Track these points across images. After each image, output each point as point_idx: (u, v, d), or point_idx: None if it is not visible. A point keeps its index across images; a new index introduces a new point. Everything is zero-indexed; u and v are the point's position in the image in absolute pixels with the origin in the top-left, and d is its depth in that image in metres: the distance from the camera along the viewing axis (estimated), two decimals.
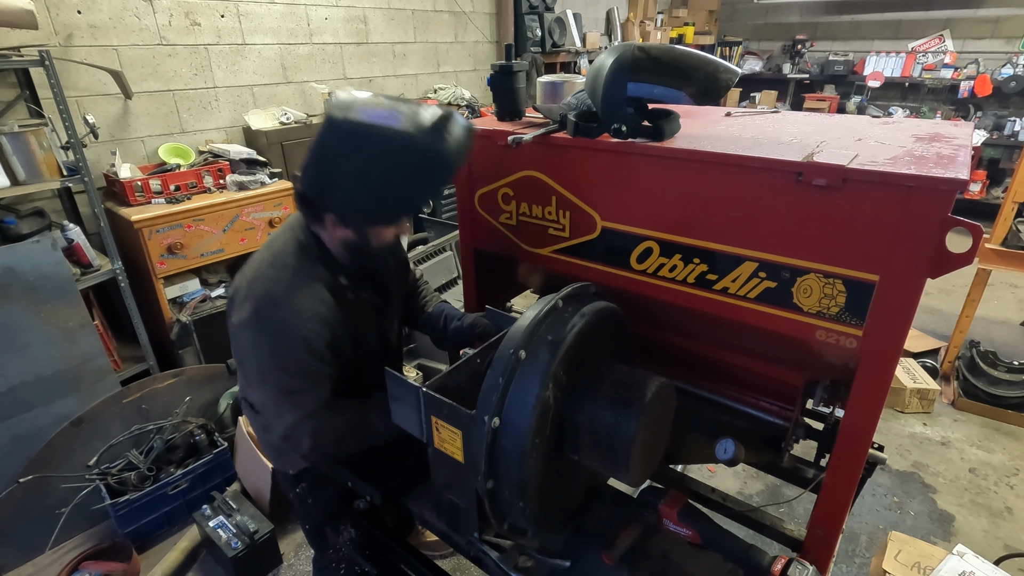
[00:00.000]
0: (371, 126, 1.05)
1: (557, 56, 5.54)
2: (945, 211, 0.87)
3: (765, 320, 1.09)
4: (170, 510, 2.38)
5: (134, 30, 2.90)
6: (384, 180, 1.09)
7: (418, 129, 1.05)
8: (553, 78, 1.55)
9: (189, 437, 2.49)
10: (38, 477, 2.21)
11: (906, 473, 2.81)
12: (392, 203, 1.16)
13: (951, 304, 4.30)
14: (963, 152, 1.00)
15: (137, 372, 2.82)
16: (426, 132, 1.05)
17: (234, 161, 3.11)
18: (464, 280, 1.71)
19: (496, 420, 0.95)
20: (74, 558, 2.16)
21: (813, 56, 7.45)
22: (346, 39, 3.97)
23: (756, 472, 2.71)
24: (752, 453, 1.32)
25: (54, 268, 2.40)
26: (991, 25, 6.27)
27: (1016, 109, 6.23)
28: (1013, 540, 2.42)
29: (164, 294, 2.78)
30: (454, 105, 4.50)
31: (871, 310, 0.97)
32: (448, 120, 1.09)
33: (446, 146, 1.07)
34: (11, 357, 2.28)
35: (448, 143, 1.07)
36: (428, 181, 1.15)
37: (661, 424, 1.10)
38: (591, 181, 1.26)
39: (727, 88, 1.08)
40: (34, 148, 2.39)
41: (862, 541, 2.41)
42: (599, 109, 1.14)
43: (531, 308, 1.05)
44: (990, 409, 3.19)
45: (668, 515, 1.14)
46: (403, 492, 1.32)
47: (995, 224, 3.16)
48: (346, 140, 1.07)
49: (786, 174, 0.99)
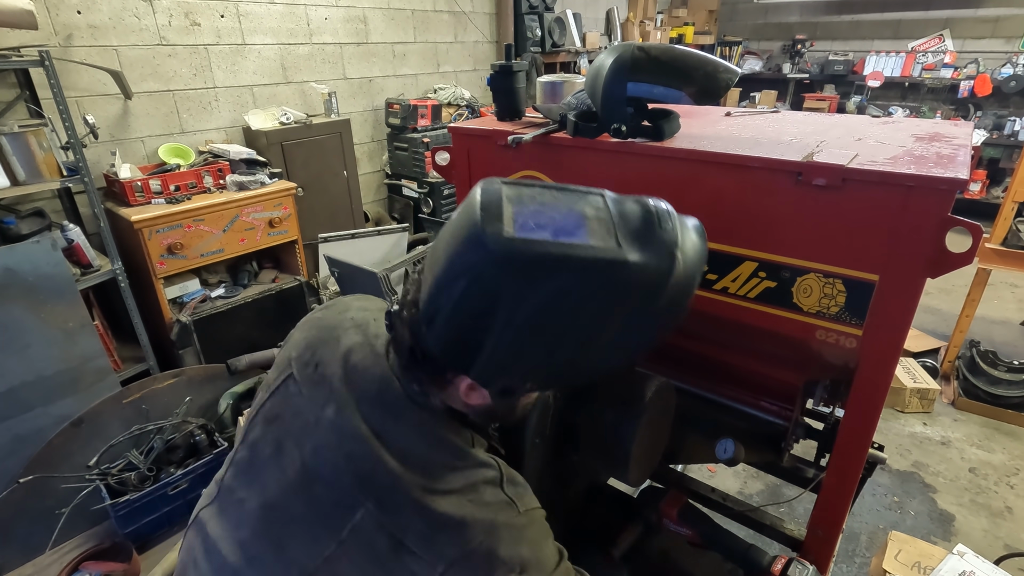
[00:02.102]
0: (555, 254, 0.63)
1: (557, 56, 5.54)
2: (945, 211, 0.87)
3: (765, 320, 1.09)
4: (170, 510, 2.37)
5: (134, 30, 2.90)
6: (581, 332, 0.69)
7: (630, 245, 0.66)
8: (553, 78, 1.55)
9: (189, 437, 2.49)
10: (38, 477, 2.21)
11: (906, 473, 2.81)
12: (591, 362, 0.74)
13: (951, 304, 4.30)
14: (963, 152, 1.00)
15: (137, 372, 2.82)
16: (643, 250, 0.66)
17: (234, 161, 3.11)
18: None
19: None
20: (74, 558, 2.16)
21: (813, 56, 7.45)
22: (346, 39, 3.97)
23: (756, 472, 2.71)
24: (752, 453, 1.32)
25: (54, 268, 2.40)
26: (991, 25, 6.27)
27: (1016, 109, 6.23)
28: (1013, 540, 2.42)
29: (164, 294, 2.78)
30: (454, 105, 4.50)
31: (871, 310, 0.97)
32: (664, 219, 0.70)
33: (676, 270, 0.68)
34: (11, 357, 2.28)
35: (678, 264, 0.68)
36: (649, 326, 0.74)
37: (661, 424, 1.10)
38: (591, 181, 1.25)
39: (727, 88, 1.08)
40: (34, 148, 2.39)
41: (862, 541, 2.41)
42: (599, 109, 1.14)
43: None
44: (990, 409, 3.19)
45: (668, 515, 1.14)
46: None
47: (995, 224, 3.16)
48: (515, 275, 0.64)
49: (786, 174, 0.99)
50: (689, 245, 0.71)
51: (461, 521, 0.71)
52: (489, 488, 0.75)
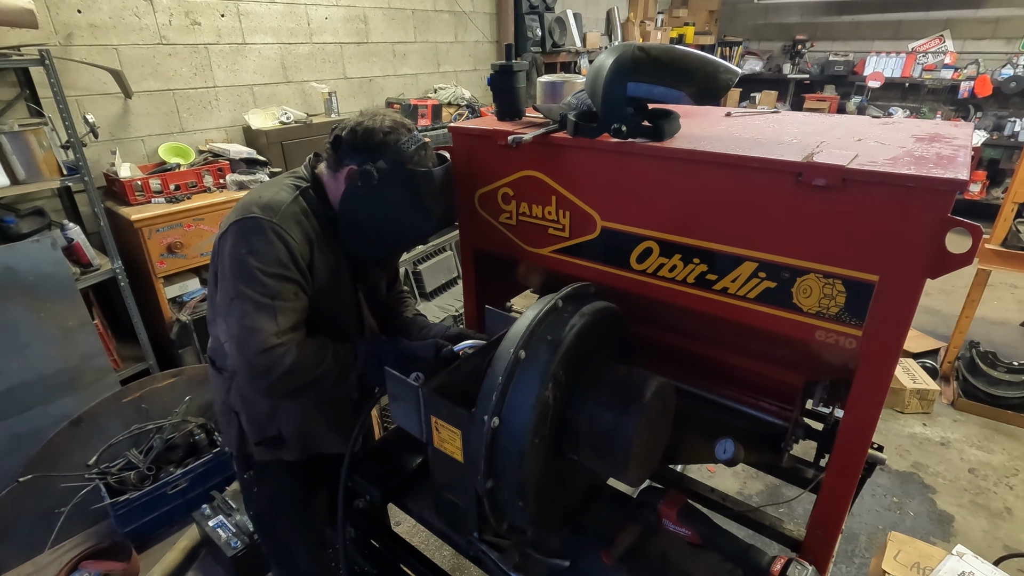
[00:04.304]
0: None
1: (557, 56, 5.55)
2: (945, 211, 0.87)
3: (765, 320, 1.09)
4: (170, 509, 2.38)
5: (134, 29, 2.90)
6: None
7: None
8: (553, 78, 1.55)
9: (189, 436, 2.49)
10: (38, 476, 2.21)
11: (906, 473, 2.81)
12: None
13: (951, 304, 4.30)
14: (963, 152, 1.00)
15: (137, 372, 2.82)
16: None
17: (234, 160, 3.11)
18: (464, 280, 1.71)
19: (495, 420, 0.95)
20: (73, 557, 2.16)
21: (813, 56, 7.46)
22: (346, 39, 3.97)
23: (755, 472, 2.71)
24: (752, 453, 1.32)
25: (54, 267, 2.40)
26: (991, 26, 6.27)
27: (1016, 109, 6.23)
28: (1012, 540, 2.42)
29: (164, 293, 2.78)
30: (454, 105, 4.50)
31: (871, 310, 0.97)
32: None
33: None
34: (11, 356, 2.28)
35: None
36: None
37: (661, 424, 1.10)
38: (591, 181, 1.26)
39: (727, 88, 1.08)
40: (34, 147, 2.39)
41: (861, 541, 2.41)
42: (599, 109, 1.14)
43: (531, 308, 1.05)
44: (990, 409, 3.19)
45: (667, 515, 1.14)
46: (402, 491, 1.32)
47: (995, 224, 3.16)
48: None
49: (786, 174, 0.99)
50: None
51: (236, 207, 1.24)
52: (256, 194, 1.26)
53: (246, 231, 1.17)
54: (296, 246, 1.20)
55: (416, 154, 1.25)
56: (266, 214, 1.18)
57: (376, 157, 1.23)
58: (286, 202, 1.23)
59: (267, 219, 1.18)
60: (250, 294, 1.14)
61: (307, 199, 1.28)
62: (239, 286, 1.15)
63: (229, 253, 1.18)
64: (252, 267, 1.15)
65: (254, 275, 1.15)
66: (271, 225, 1.17)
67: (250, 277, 1.15)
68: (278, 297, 1.16)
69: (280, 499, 1.50)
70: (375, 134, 1.23)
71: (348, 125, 1.26)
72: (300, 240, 1.22)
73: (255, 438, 1.40)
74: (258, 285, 1.15)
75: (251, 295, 1.14)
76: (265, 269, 1.15)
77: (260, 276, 1.15)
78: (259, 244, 1.16)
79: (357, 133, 1.24)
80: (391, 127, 1.25)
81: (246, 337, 1.14)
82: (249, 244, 1.16)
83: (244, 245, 1.16)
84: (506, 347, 0.99)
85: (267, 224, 1.17)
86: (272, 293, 1.15)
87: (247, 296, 1.15)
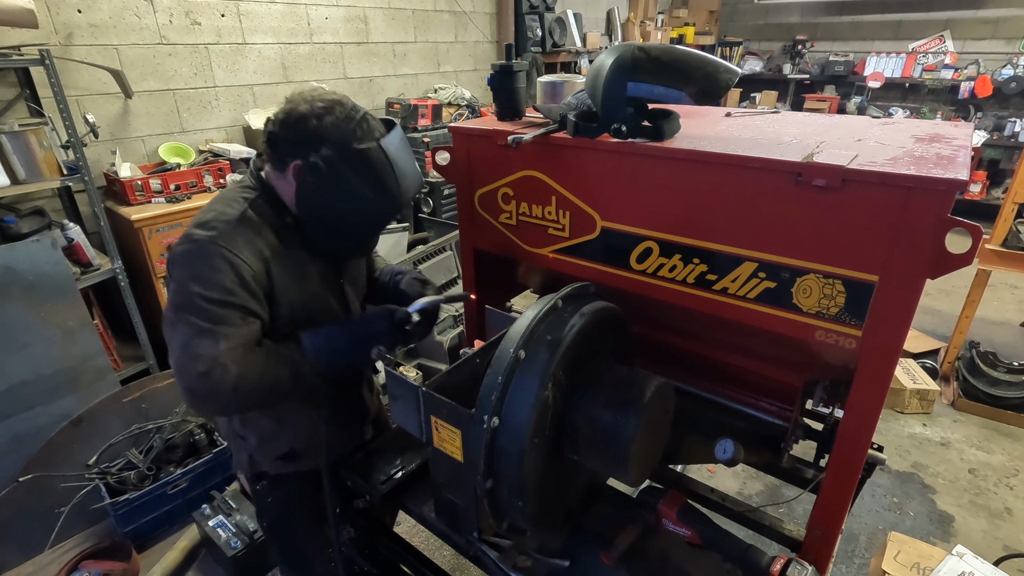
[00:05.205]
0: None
1: (557, 56, 5.55)
2: (945, 211, 0.87)
3: (764, 320, 1.09)
4: (169, 509, 2.38)
5: (134, 29, 2.90)
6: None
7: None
8: (553, 78, 1.55)
9: (189, 436, 2.49)
10: (38, 476, 2.21)
11: (906, 474, 2.81)
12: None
13: (951, 305, 4.30)
14: (963, 153, 1.00)
15: (137, 371, 2.82)
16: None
17: (234, 160, 3.12)
18: (464, 280, 1.71)
19: (495, 420, 0.95)
20: (73, 557, 2.16)
21: (813, 56, 7.46)
22: (346, 39, 3.97)
23: (755, 472, 2.71)
24: (751, 453, 1.32)
25: (54, 267, 2.40)
26: (991, 26, 6.27)
27: (1016, 110, 6.23)
28: (1012, 541, 2.42)
29: (164, 293, 2.78)
30: (454, 105, 4.50)
31: (870, 310, 0.97)
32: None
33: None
34: (11, 356, 2.28)
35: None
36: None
37: (660, 424, 1.10)
38: (591, 181, 1.26)
39: (727, 88, 1.08)
40: (34, 147, 2.39)
41: (861, 541, 2.41)
42: (599, 109, 1.14)
43: (531, 308, 1.05)
44: (990, 410, 3.19)
45: (667, 515, 1.14)
46: (402, 491, 1.32)
47: (995, 225, 3.16)
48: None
49: (786, 174, 0.99)
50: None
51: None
52: (211, 214, 1.17)
53: (189, 256, 1.11)
54: (246, 268, 1.12)
55: (358, 129, 1.14)
56: (211, 236, 1.11)
57: (318, 145, 1.12)
58: (233, 220, 1.15)
59: (210, 242, 1.11)
60: (192, 320, 1.08)
61: (257, 210, 1.19)
62: (180, 313, 1.09)
63: (174, 277, 1.12)
64: (194, 294, 1.08)
65: (195, 303, 1.08)
66: (216, 249, 1.10)
67: (191, 305, 1.08)
68: (221, 322, 1.09)
69: (295, 506, 1.47)
70: (308, 120, 1.12)
71: (278, 117, 1.15)
72: (251, 259, 1.14)
73: (269, 457, 1.38)
74: (200, 312, 1.08)
75: (193, 321, 1.08)
76: (208, 295, 1.08)
77: (202, 304, 1.08)
78: (202, 269, 1.09)
79: (290, 124, 1.14)
80: (324, 107, 1.13)
81: (185, 362, 1.08)
82: (192, 270, 1.10)
83: (187, 271, 1.11)
84: (506, 347, 0.99)
85: (211, 248, 1.10)
86: (214, 319, 1.09)
87: (189, 322, 1.08)
